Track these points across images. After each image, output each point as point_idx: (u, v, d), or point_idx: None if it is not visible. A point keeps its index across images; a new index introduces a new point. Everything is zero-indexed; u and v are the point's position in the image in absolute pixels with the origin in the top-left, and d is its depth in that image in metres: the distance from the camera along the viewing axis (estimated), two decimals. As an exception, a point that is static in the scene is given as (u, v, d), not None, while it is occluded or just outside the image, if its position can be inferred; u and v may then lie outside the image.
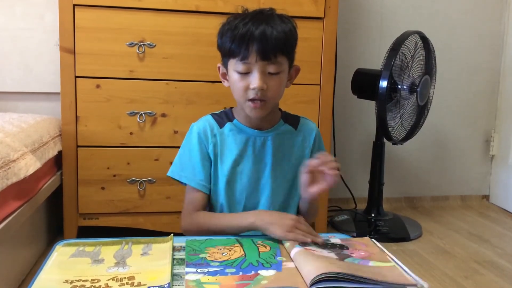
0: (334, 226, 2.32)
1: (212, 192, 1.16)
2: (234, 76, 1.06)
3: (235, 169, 1.13)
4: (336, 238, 1.03)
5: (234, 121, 1.15)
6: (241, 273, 0.83)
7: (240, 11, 1.11)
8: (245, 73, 1.04)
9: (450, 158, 2.82)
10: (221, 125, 1.15)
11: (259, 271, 0.84)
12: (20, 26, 2.11)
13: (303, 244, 0.95)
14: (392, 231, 2.26)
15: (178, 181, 1.16)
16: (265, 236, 1.01)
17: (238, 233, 1.05)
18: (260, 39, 1.01)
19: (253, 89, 1.03)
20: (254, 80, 1.03)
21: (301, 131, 1.19)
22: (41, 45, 2.13)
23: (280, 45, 1.04)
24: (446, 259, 2.00)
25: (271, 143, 1.14)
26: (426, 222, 2.45)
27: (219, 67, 1.14)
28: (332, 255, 0.91)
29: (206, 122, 1.16)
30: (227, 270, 0.84)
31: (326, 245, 0.97)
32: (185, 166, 1.15)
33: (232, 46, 1.03)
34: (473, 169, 2.86)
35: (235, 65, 1.05)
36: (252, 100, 1.05)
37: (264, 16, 1.06)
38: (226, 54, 1.07)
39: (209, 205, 1.19)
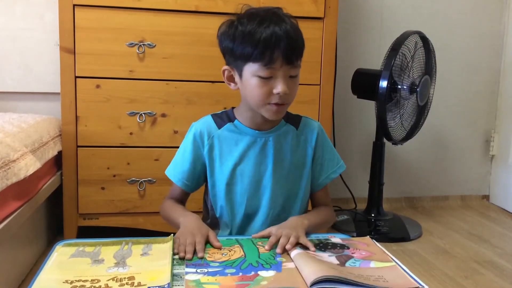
0: (334, 226, 2.31)
1: (211, 194, 1.16)
2: (253, 81, 1.03)
3: (236, 171, 1.12)
4: (336, 238, 1.03)
5: (235, 121, 1.14)
6: (240, 274, 0.83)
7: (241, 10, 1.08)
8: (267, 78, 1.02)
9: (450, 158, 2.82)
10: (219, 125, 1.14)
11: (259, 272, 0.84)
12: (20, 26, 2.11)
13: (304, 247, 0.94)
14: (392, 231, 2.26)
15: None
16: (266, 238, 1.00)
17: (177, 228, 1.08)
18: (286, 44, 1.00)
19: (277, 93, 1.02)
20: (279, 85, 1.01)
21: (302, 130, 1.17)
22: (41, 45, 2.13)
23: (301, 47, 1.05)
24: (446, 259, 2.00)
25: (272, 144, 1.12)
26: (426, 222, 2.45)
27: (224, 71, 1.10)
28: (333, 258, 0.90)
29: (204, 123, 1.15)
30: (227, 271, 0.84)
31: (327, 245, 0.97)
32: (177, 165, 1.17)
33: (256, 50, 1.00)
34: (473, 169, 2.86)
35: (257, 70, 1.02)
36: (274, 104, 1.04)
37: (279, 17, 1.03)
38: (243, 58, 1.03)
39: (209, 206, 1.19)
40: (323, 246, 0.97)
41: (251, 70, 1.03)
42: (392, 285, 0.80)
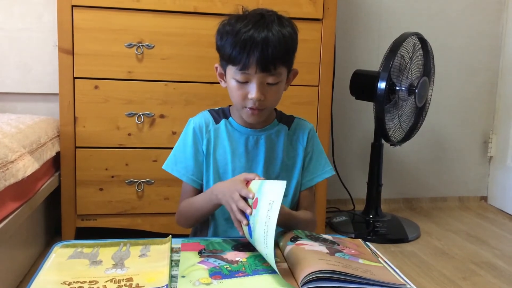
0: (332, 227, 2.32)
1: (205, 189, 1.16)
2: (232, 83, 1.06)
3: (228, 167, 1.14)
4: (328, 236, 1.03)
5: (230, 118, 1.16)
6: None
7: (240, 11, 1.09)
8: (243, 82, 1.04)
9: (448, 159, 2.83)
10: (217, 121, 1.16)
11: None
12: (18, 26, 2.11)
13: (295, 239, 0.94)
14: (390, 232, 2.26)
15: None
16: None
17: (213, 208, 1.06)
18: (261, 50, 0.99)
19: (251, 99, 1.03)
20: (253, 90, 1.03)
21: (295, 130, 1.19)
22: (40, 46, 2.13)
23: (280, 56, 1.03)
24: (444, 260, 2.00)
25: (264, 142, 1.14)
26: (424, 223, 2.45)
27: (216, 67, 1.13)
28: (323, 248, 0.91)
29: (202, 117, 1.17)
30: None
31: (318, 239, 0.97)
32: (179, 160, 1.16)
33: (233, 53, 1.02)
34: (471, 170, 2.87)
35: (234, 73, 1.04)
36: (250, 108, 1.05)
37: (266, 22, 1.03)
38: (225, 59, 1.06)
39: None
40: (314, 238, 0.97)
41: (231, 72, 1.06)
42: (379, 278, 0.80)
